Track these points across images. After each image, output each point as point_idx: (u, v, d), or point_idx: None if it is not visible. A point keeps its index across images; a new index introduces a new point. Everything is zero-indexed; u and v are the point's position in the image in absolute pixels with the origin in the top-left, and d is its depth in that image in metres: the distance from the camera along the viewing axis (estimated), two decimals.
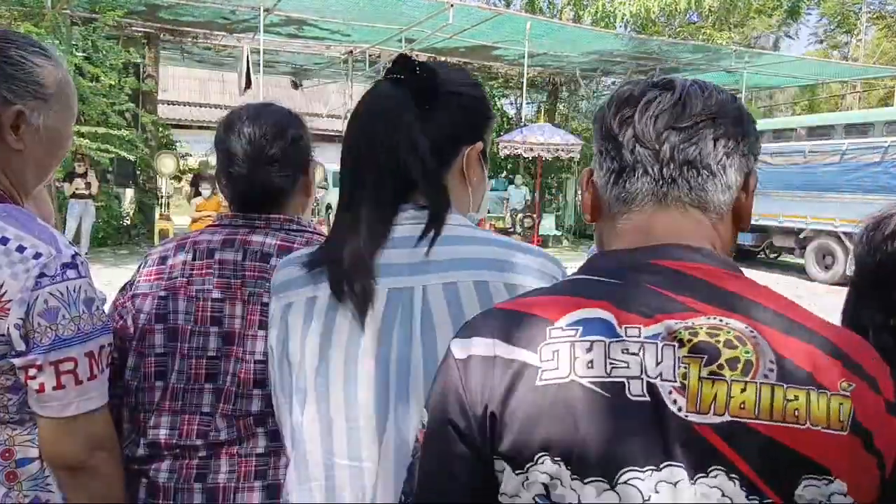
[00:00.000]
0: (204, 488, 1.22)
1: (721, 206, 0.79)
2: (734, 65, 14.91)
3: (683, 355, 0.68)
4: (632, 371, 0.68)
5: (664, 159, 0.77)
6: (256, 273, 1.27)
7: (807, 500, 0.66)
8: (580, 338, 0.70)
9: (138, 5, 12.05)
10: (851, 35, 27.04)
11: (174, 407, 1.26)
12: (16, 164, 1.18)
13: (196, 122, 22.49)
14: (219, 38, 14.72)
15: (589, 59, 15.46)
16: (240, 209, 1.35)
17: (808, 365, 0.67)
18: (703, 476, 0.66)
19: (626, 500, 0.66)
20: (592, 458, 0.67)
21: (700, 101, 0.78)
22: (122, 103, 11.21)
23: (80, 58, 10.83)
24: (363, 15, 12.13)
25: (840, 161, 11.93)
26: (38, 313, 1.07)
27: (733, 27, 22.51)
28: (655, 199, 0.78)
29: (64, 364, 1.10)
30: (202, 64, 18.39)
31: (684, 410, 0.67)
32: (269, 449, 1.24)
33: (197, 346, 1.26)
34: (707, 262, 0.75)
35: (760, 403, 0.66)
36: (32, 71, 1.17)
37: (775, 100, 25.91)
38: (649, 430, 0.67)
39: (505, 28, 12.63)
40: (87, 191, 11.16)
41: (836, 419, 0.66)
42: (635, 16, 17.70)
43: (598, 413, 0.68)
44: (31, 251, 1.09)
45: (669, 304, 0.71)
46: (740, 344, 0.68)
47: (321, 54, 16.10)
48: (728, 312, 0.70)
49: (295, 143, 1.35)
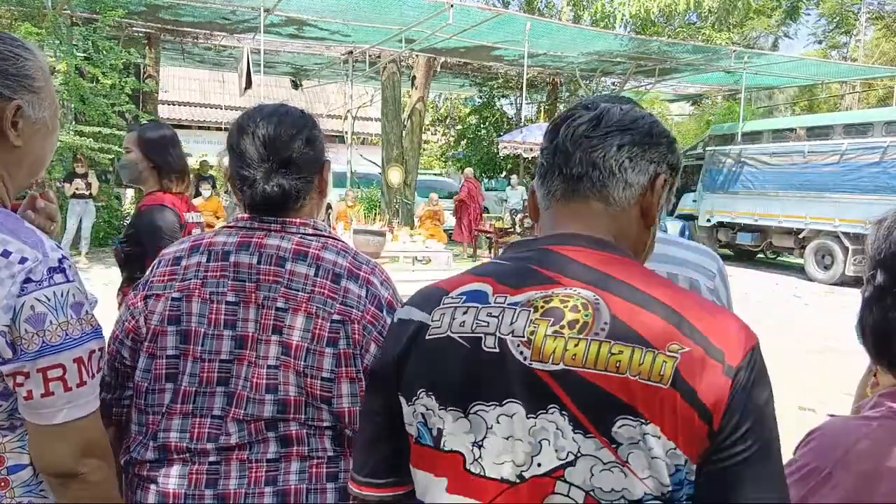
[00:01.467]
0: (214, 494, 1.21)
1: (622, 200, 0.94)
2: (733, 65, 14.92)
3: (535, 317, 0.86)
4: (490, 329, 0.88)
5: (574, 161, 0.94)
6: (271, 277, 1.26)
7: (625, 437, 0.79)
8: (461, 304, 0.92)
9: (139, 6, 12.06)
10: (850, 35, 27.07)
11: (185, 410, 1.24)
12: (13, 161, 1.16)
13: (196, 123, 22.49)
14: (219, 39, 14.73)
15: (588, 60, 15.47)
16: (255, 212, 1.33)
17: (641, 329, 0.82)
18: (543, 412, 0.83)
19: (475, 426, 0.87)
20: (453, 393, 0.89)
21: (616, 116, 0.95)
22: (122, 104, 11.22)
23: (81, 58, 10.84)
24: (363, 15, 12.14)
25: (839, 161, 11.94)
26: (25, 319, 1.04)
27: (732, 27, 22.53)
28: (566, 195, 0.96)
29: (52, 371, 1.07)
30: (202, 64, 18.40)
31: (529, 360, 0.85)
32: (280, 454, 1.23)
33: (210, 349, 1.25)
34: (588, 247, 0.92)
35: (588, 355, 0.82)
36: (23, 64, 1.15)
37: (774, 100, 25.92)
38: (495, 374, 0.86)
39: (505, 28, 12.64)
40: (88, 191, 11.16)
41: (657, 373, 0.79)
42: (635, 16, 17.72)
43: (461, 360, 0.89)
44: (16, 255, 1.05)
45: (537, 279, 0.89)
46: (583, 309, 0.84)
47: (321, 54, 16.11)
48: (584, 285, 0.87)
49: (310, 144, 1.34)
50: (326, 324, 1.23)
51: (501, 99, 20.36)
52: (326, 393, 1.23)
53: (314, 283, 1.25)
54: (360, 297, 1.27)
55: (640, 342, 0.81)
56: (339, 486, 1.25)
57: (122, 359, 1.31)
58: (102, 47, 11.03)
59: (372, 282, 1.30)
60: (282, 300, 1.24)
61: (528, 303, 0.87)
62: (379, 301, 1.29)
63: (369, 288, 1.28)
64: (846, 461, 0.92)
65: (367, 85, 19.39)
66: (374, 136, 22.89)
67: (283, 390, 1.23)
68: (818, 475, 0.93)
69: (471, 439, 0.87)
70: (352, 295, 1.26)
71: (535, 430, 0.83)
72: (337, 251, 1.31)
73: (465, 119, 21.88)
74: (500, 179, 21.75)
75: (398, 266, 10.06)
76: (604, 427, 0.80)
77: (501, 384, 0.86)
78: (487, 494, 0.86)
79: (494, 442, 0.86)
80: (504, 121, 19.92)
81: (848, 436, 0.95)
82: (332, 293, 1.25)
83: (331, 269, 1.27)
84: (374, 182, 17.01)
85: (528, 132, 12.45)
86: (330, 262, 1.28)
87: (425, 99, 16.58)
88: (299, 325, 1.23)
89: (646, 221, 0.97)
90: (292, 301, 1.24)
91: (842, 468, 0.92)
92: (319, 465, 1.24)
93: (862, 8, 25.76)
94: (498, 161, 18.09)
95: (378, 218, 11.90)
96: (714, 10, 18.78)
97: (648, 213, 0.97)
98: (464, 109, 23.86)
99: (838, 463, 0.93)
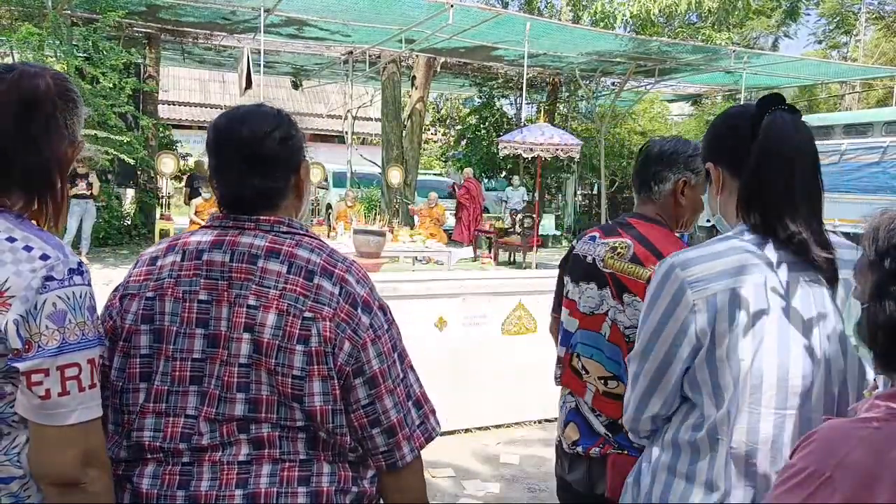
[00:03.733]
0: (186, 496, 1.20)
1: (660, 196, 1.99)
2: (733, 65, 14.92)
3: (607, 249, 1.93)
4: (591, 251, 1.98)
5: (636, 178, 2.07)
6: (243, 275, 1.25)
7: (627, 302, 1.87)
8: (585, 240, 2.04)
9: (139, 6, 12.06)
10: (850, 35, 27.06)
11: (158, 409, 1.24)
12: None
13: (196, 123, 22.50)
14: (219, 39, 14.73)
15: (588, 60, 15.46)
16: (230, 211, 1.33)
17: (644, 259, 1.85)
18: (602, 289, 1.93)
19: (579, 291, 2.03)
20: (576, 277, 2.06)
21: (654, 151, 2.02)
22: (122, 105, 11.22)
23: (81, 59, 10.83)
24: (363, 15, 12.14)
25: (839, 161, 11.95)
26: (47, 315, 1.06)
27: (732, 27, 22.51)
28: (638, 193, 2.06)
29: (69, 369, 1.08)
30: (203, 64, 18.39)
31: (602, 266, 1.92)
32: (252, 457, 1.22)
33: (182, 347, 1.24)
34: (641, 220, 1.98)
35: (622, 267, 1.87)
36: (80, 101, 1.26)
37: None
38: (590, 271, 1.96)
39: (505, 28, 12.63)
40: (88, 191, 11.17)
41: (644, 277, 1.80)
42: (635, 17, 17.71)
43: (580, 263, 2.02)
44: (38, 252, 1.08)
45: (615, 233, 1.96)
46: (624, 249, 1.90)
47: (321, 55, 16.11)
48: (629, 238, 1.91)
49: (284, 143, 1.33)
50: (298, 321, 1.22)
51: (501, 99, 20.35)
52: (297, 391, 1.21)
53: (286, 281, 1.24)
54: (333, 295, 1.25)
55: (640, 264, 1.84)
56: (312, 489, 1.23)
57: (101, 359, 1.30)
58: (102, 47, 11.02)
59: (347, 279, 1.28)
60: (253, 298, 1.23)
61: (608, 243, 1.93)
62: (353, 299, 1.26)
63: (343, 286, 1.27)
64: (846, 464, 0.91)
65: (367, 85, 19.38)
66: (374, 136, 22.89)
67: (254, 389, 1.22)
68: (818, 479, 0.93)
69: (577, 295, 1.99)
70: (324, 292, 1.25)
71: (599, 294, 1.92)
72: (311, 248, 1.29)
73: (465, 119, 21.87)
74: (499, 179, 21.74)
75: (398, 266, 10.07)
76: (620, 296, 1.87)
77: (591, 275, 1.95)
78: (581, 317, 1.98)
79: (586, 297, 1.96)
80: (504, 121, 19.90)
81: (847, 438, 0.94)
82: (305, 290, 1.24)
83: (304, 267, 1.26)
84: (374, 182, 17.00)
85: (527, 132, 12.43)
86: (303, 260, 1.27)
87: (425, 99, 16.58)
88: (270, 322, 1.22)
89: (677, 206, 1.97)
90: (263, 298, 1.23)
91: (842, 471, 0.91)
92: (291, 469, 1.23)
93: (862, 8, 25.75)
94: (498, 161, 18.06)
95: (378, 218, 11.90)
96: (714, 11, 18.76)
97: (677, 202, 1.96)
98: (463, 110, 23.86)
99: (838, 466, 0.92)
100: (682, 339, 1.32)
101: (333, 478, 1.26)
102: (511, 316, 4.67)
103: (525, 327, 4.71)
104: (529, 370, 4.68)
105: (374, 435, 1.27)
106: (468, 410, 4.52)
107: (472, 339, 4.55)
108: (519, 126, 14.18)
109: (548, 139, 12.10)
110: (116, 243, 13.06)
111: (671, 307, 1.33)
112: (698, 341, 1.31)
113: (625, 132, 20.89)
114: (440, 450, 4.21)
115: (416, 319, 4.39)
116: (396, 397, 1.29)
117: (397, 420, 1.29)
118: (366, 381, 1.25)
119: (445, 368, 4.39)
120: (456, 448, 4.24)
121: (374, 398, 1.26)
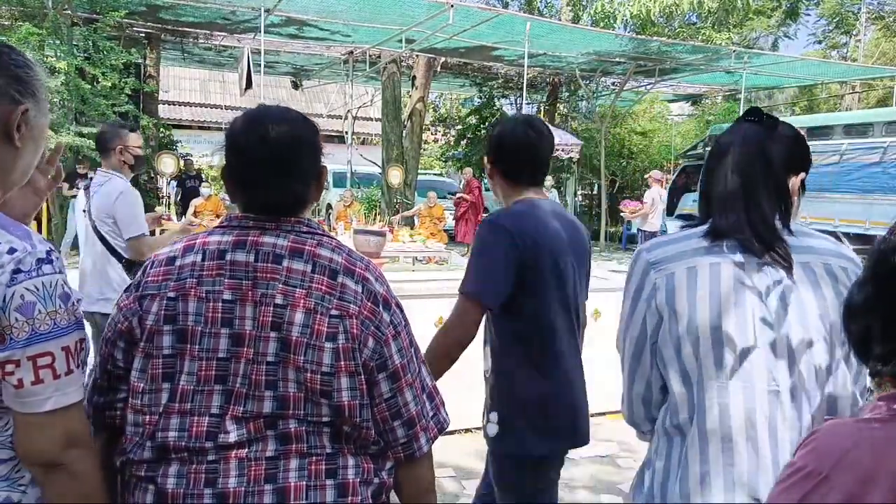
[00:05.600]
0: (214, 493, 1.21)
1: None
2: (733, 65, 14.92)
3: None
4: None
5: None
6: (269, 274, 1.26)
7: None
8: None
9: (139, 6, 12.07)
10: (850, 35, 27.06)
11: (183, 409, 1.24)
12: (10, 163, 1.20)
13: (196, 123, 22.50)
14: (219, 39, 14.74)
15: (588, 60, 15.46)
16: (254, 213, 1.33)
17: None
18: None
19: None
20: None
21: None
22: (122, 105, 11.22)
23: (81, 59, 10.84)
24: (363, 15, 12.15)
25: (839, 161, 11.95)
26: (15, 308, 1.07)
27: (732, 28, 22.51)
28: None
29: (41, 359, 1.10)
30: (203, 64, 18.40)
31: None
32: (279, 452, 1.23)
33: (207, 347, 1.24)
34: None
35: None
36: (33, 74, 1.20)
37: (774, 100, 25.93)
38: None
39: (505, 28, 12.64)
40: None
41: None
42: (635, 17, 17.71)
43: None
44: (4, 247, 1.09)
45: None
46: None
47: (321, 55, 16.12)
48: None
49: (315, 150, 1.36)
50: (325, 319, 1.24)
51: (501, 99, 20.35)
52: (326, 387, 1.23)
53: (311, 280, 1.27)
54: (357, 293, 1.28)
55: None
56: (339, 482, 1.25)
57: (114, 361, 1.30)
58: (103, 47, 11.03)
59: (367, 278, 1.32)
60: (280, 297, 1.25)
61: None
62: (375, 297, 1.31)
63: (365, 284, 1.30)
64: (843, 464, 0.91)
65: (368, 85, 19.39)
66: (374, 137, 22.89)
67: (282, 387, 1.23)
68: (815, 478, 0.93)
69: None
70: (349, 291, 1.28)
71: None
72: (332, 248, 1.32)
73: (465, 119, 21.88)
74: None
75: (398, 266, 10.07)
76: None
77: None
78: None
79: None
80: None
81: (846, 438, 0.94)
82: (330, 289, 1.27)
83: (327, 266, 1.29)
84: (374, 182, 17.01)
85: None
86: (326, 259, 1.29)
87: (425, 99, 16.58)
88: (298, 320, 1.24)
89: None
90: (290, 297, 1.25)
91: (839, 471, 0.91)
92: (318, 462, 1.25)
93: (862, 8, 25.75)
94: None
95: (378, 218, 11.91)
96: (714, 11, 18.76)
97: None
98: (463, 110, 23.85)
99: (835, 465, 0.91)
100: (649, 316, 1.45)
101: (358, 470, 1.29)
102: None
103: None
104: None
105: (396, 427, 1.32)
106: (468, 410, 4.51)
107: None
108: None
109: None
110: None
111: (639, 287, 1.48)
112: (659, 315, 1.43)
113: (625, 132, 20.89)
114: (440, 450, 4.20)
115: (416, 319, 4.34)
116: (415, 390, 1.34)
117: (416, 412, 1.34)
118: (388, 375, 1.30)
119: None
120: (456, 448, 4.24)
121: (396, 392, 1.31)
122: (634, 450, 4.22)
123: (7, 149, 1.18)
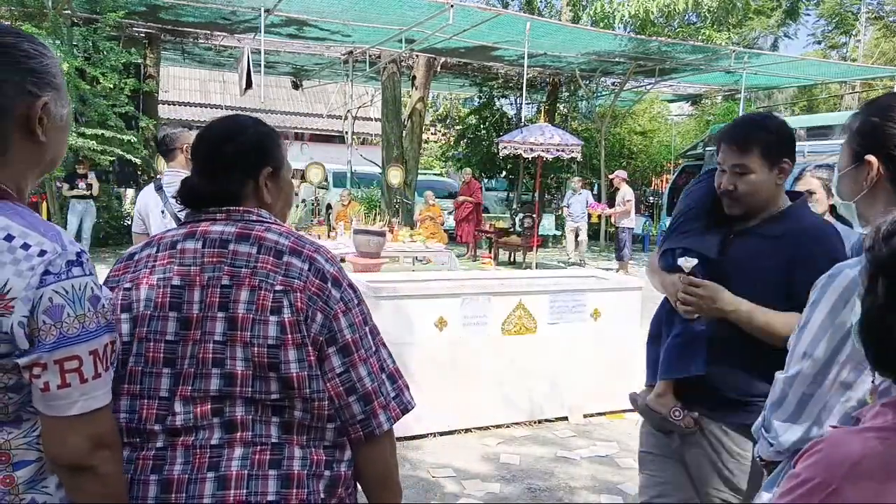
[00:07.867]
0: (159, 480, 1.24)
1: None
2: (733, 65, 14.91)
3: None
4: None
5: None
6: (215, 258, 1.31)
7: None
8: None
9: (139, 6, 12.06)
10: (850, 35, 27.05)
11: (133, 390, 1.28)
12: (35, 158, 1.19)
13: (196, 123, 22.48)
14: (219, 39, 14.73)
15: (588, 60, 15.46)
16: (189, 207, 1.42)
17: None
18: None
19: None
20: None
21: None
22: (122, 105, 11.21)
23: (81, 59, 10.83)
24: (363, 15, 12.14)
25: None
26: (43, 311, 1.06)
27: (732, 28, 22.50)
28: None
29: (69, 363, 1.09)
30: (203, 64, 18.39)
31: None
32: (224, 440, 1.26)
33: (155, 329, 1.28)
34: None
35: None
36: (48, 62, 1.18)
37: (774, 100, 25.92)
38: None
39: (505, 28, 12.63)
40: (89, 191, 11.18)
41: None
42: (635, 17, 17.70)
43: None
44: (35, 248, 1.07)
45: None
46: None
47: (321, 55, 16.10)
48: None
49: (250, 148, 1.42)
50: (269, 294, 1.27)
51: (501, 99, 20.35)
52: (273, 359, 1.26)
53: (257, 260, 1.30)
54: (303, 270, 1.31)
55: None
56: (282, 473, 1.26)
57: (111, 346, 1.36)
58: (103, 48, 11.02)
59: (315, 258, 1.34)
60: (226, 278, 1.29)
61: None
62: (323, 274, 1.32)
63: (312, 263, 1.33)
64: (853, 475, 0.89)
65: (368, 85, 19.37)
66: (374, 136, 22.87)
67: (229, 364, 1.26)
68: (824, 490, 0.91)
69: None
70: (294, 268, 1.31)
71: None
72: (279, 233, 1.36)
73: (465, 119, 21.87)
74: (499, 179, 21.73)
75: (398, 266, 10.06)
76: None
77: None
78: None
79: None
80: (504, 121, 19.90)
81: (854, 449, 0.92)
82: (275, 267, 1.30)
83: (273, 247, 1.32)
84: (374, 182, 17.00)
85: (528, 132, 12.43)
86: (272, 241, 1.33)
87: (425, 99, 16.57)
88: (243, 298, 1.27)
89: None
90: (236, 278, 1.29)
91: (849, 483, 0.89)
92: (263, 452, 1.27)
93: (862, 8, 25.74)
94: (498, 161, 18.06)
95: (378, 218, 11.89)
96: (714, 10, 18.74)
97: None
98: (463, 110, 23.84)
99: (845, 478, 0.90)
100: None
101: (305, 462, 1.29)
102: (511, 316, 4.67)
103: (525, 327, 4.71)
104: (529, 370, 4.69)
105: (351, 403, 1.31)
106: (468, 410, 4.52)
107: (472, 340, 4.55)
108: (519, 126, 14.17)
109: (548, 139, 12.10)
110: (116, 243, 13.08)
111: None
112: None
113: (625, 132, 20.88)
114: (440, 450, 4.22)
115: (416, 319, 4.39)
116: (370, 367, 1.34)
117: (372, 388, 1.33)
118: (339, 349, 1.30)
119: (445, 368, 4.39)
120: (456, 448, 4.24)
121: (349, 366, 1.31)
122: (634, 450, 4.22)
123: (32, 144, 1.17)
